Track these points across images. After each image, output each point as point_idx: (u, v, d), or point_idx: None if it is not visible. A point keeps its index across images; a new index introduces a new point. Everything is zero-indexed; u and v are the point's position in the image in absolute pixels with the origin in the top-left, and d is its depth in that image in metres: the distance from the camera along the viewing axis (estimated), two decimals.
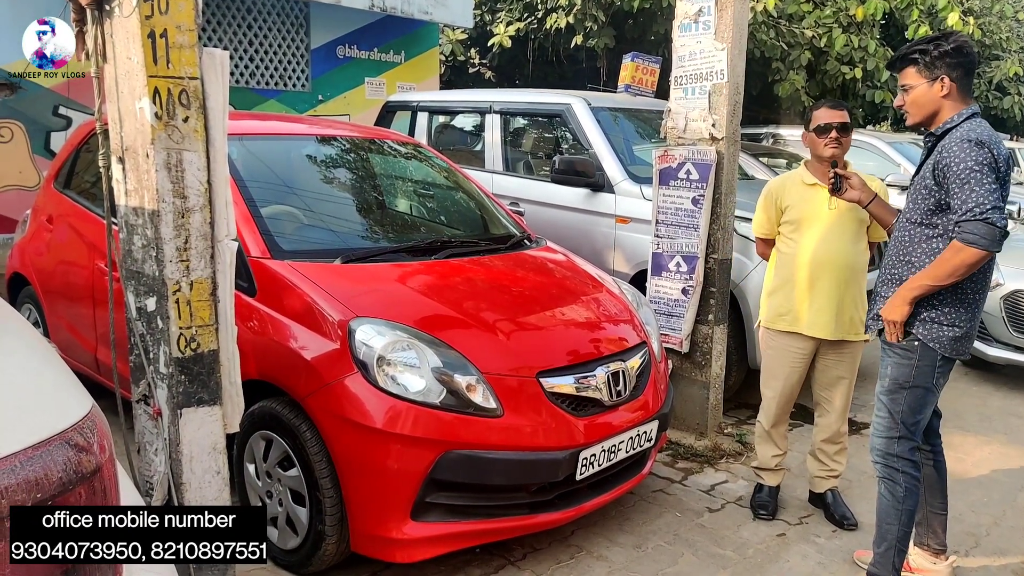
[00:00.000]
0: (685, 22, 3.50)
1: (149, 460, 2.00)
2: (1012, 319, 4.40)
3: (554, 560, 2.56)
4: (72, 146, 3.82)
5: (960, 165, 2.08)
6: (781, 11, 8.94)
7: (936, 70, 2.18)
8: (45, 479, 0.88)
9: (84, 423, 0.96)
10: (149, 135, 1.81)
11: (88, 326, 3.35)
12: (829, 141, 2.67)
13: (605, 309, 2.93)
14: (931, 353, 2.22)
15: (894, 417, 2.29)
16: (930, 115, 2.22)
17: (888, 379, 2.31)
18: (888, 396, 2.31)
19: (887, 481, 2.34)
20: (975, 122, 2.15)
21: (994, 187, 2.05)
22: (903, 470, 2.30)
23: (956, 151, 2.10)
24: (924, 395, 2.27)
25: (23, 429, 0.93)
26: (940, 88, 2.18)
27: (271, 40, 6.96)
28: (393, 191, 3.70)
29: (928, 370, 2.24)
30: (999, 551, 2.76)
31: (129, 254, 1.96)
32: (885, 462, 2.33)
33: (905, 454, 2.30)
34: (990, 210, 2.03)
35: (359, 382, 2.25)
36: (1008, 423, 4.07)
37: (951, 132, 2.16)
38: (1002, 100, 12.09)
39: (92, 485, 0.95)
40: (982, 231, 2.04)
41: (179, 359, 1.89)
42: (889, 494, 2.33)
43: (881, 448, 2.34)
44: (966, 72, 2.18)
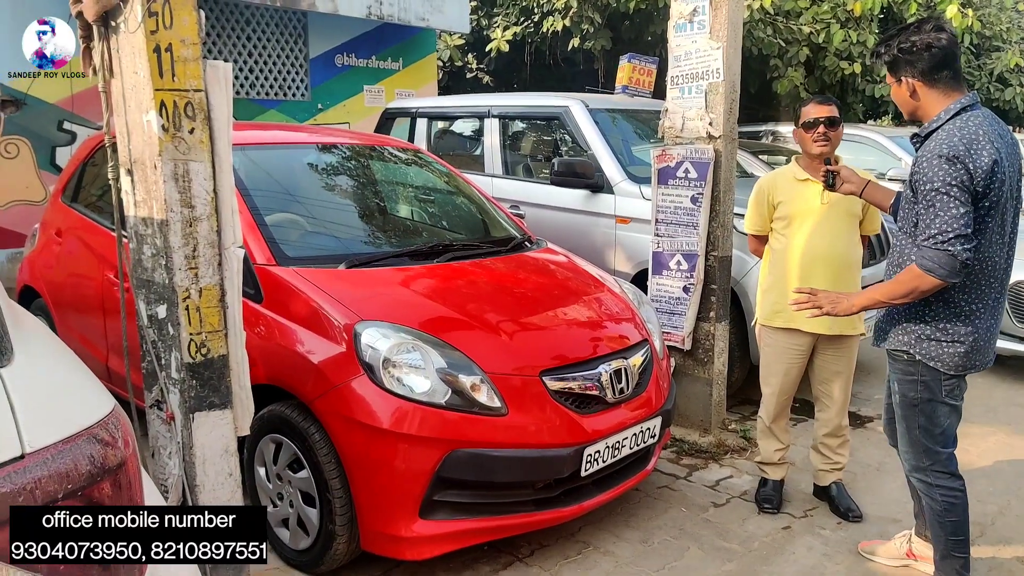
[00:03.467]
0: (680, 22, 3.55)
1: (163, 463, 2.05)
2: (1016, 310, 4.42)
3: (561, 556, 2.60)
4: (79, 160, 3.88)
5: (927, 185, 1.97)
6: (778, 8, 8.97)
7: (896, 71, 2.10)
8: (74, 471, 0.93)
9: (109, 420, 1.01)
10: (157, 147, 1.86)
11: (99, 336, 3.40)
12: (817, 136, 2.68)
13: (606, 308, 2.97)
14: (934, 371, 2.14)
15: (913, 433, 2.22)
16: (912, 113, 2.14)
17: (898, 395, 2.24)
18: (902, 411, 2.24)
19: (925, 496, 2.27)
20: (960, 121, 2.01)
21: (961, 211, 1.93)
22: (937, 483, 2.22)
23: (925, 167, 1.99)
24: (937, 408, 2.17)
25: (53, 425, 0.98)
26: (906, 88, 2.09)
27: (270, 51, 7.03)
28: (394, 197, 3.75)
29: (935, 385, 2.15)
30: (1004, 540, 2.78)
31: (139, 263, 2.01)
32: (919, 476, 2.26)
33: (935, 467, 2.22)
34: (953, 239, 1.94)
35: (366, 384, 2.29)
36: (1012, 414, 4.08)
37: (931, 136, 2.05)
38: (1003, 92, 12.07)
39: (117, 478, 0.99)
40: (941, 260, 1.95)
41: (190, 364, 1.94)
42: (930, 508, 2.27)
43: (911, 462, 2.28)
44: (931, 67, 2.03)
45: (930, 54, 2.03)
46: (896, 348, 2.20)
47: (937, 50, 2.03)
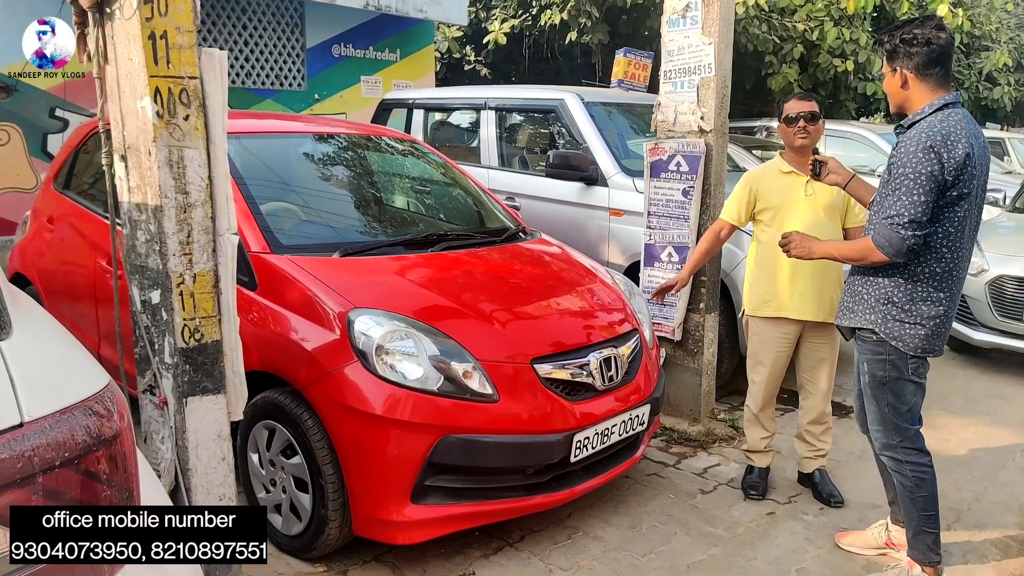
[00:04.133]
0: (673, 17, 3.57)
1: (156, 448, 2.07)
2: (997, 304, 4.48)
3: (551, 541, 2.64)
4: (71, 147, 3.88)
5: (900, 169, 2.11)
6: (773, 5, 9.01)
7: (894, 61, 2.21)
8: (71, 440, 0.96)
9: (104, 393, 1.04)
10: (151, 133, 1.87)
11: (91, 324, 3.42)
12: (798, 130, 2.78)
13: (598, 298, 3.00)
14: (899, 350, 2.25)
15: (883, 411, 2.32)
16: (899, 104, 2.25)
17: (867, 374, 2.34)
18: (871, 390, 2.34)
19: (896, 473, 2.36)
20: (942, 115, 2.13)
21: (922, 199, 2.08)
22: (907, 460, 2.32)
23: (903, 153, 2.12)
24: (905, 386, 2.28)
25: (51, 396, 1.01)
26: (899, 79, 2.20)
27: (267, 40, 7.01)
28: (390, 187, 3.76)
29: (902, 364, 2.26)
30: (979, 525, 2.84)
31: (133, 249, 2.03)
32: (889, 454, 2.35)
33: (904, 444, 2.32)
34: (907, 223, 2.10)
35: (359, 371, 2.32)
36: (992, 404, 4.15)
37: (913, 127, 2.17)
38: (992, 90, 12.17)
39: (111, 449, 1.02)
40: (891, 239, 2.12)
41: (184, 349, 1.96)
42: (901, 485, 2.35)
43: (881, 440, 2.37)
44: (926, 62, 2.15)
45: (928, 49, 2.16)
46: (863, 327, 2.31)
47: (935, 47, 2.15)
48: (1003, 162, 9.91)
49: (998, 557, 2.63)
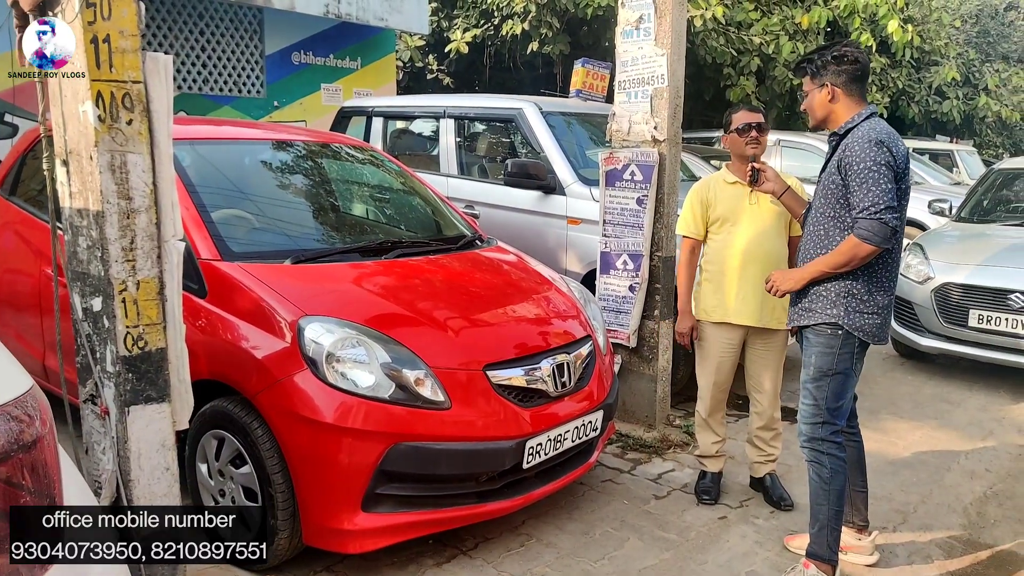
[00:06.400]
0: (627, 29, 3.64)
1: (97, 459, 2.02)
2: (943, 311, 4.64)
3: (504, 548, 2.64)
4: (18, 153, 3.78)
5: (860, 164, 2.24)
6: (730, 19, 9.23)
7: (822, 77, 2.38)
8: None
9: (24, 398, 1.02)
10: (92, 138, 1.84)
11: (36, 334, 3.32)
12: (750, 140, 2.85)
13: (553, 305, 3.03)
14: (852, 340, 2.38)
15: (819, 404, 2.43)
16: (823, 118, 2.43)
17: (813, 368, 2.44)
18: (813, 384, 2.44)
19: (815, 464, 2.46)
20: (874, 121, 2.33)
21: (890, 187, 2.22)
22: (828, 452, 2.43)
23: (857, 150, 2.26)
24: (845, 380, 2.42)
25: None
26: (827, 94, 2.37)
27: (224, 46, 6.93)
28: (346, 194, 3.75)
29: (848, 357, 2.40)
30: (925, 527, 2.93)
31: (74, 255, 1.99)
32: (812, 446, 2.46)
33: (830, 437, 2.43)
34: (884, 210, 2.21)
35: (309, 379, 2.30)
36: (939, 408, 4.29)
37: (853, 131, 2.33)
38: (941, 104, 12.64)
39: (32, 455, 1.00)
40: (875, 228, 2.22)
41: (126, 357, 1.93)
42: (817, 476, 2.45)
43: (808, 433, 2.47)
44: (852, 78, 2.35)
45: (856, 66, 2.37)
46: (825, 322, 2.40)
47: (860, 66, 2.38)
48: (952, 173, 10.29)
49: (943, 557, 2.71)
